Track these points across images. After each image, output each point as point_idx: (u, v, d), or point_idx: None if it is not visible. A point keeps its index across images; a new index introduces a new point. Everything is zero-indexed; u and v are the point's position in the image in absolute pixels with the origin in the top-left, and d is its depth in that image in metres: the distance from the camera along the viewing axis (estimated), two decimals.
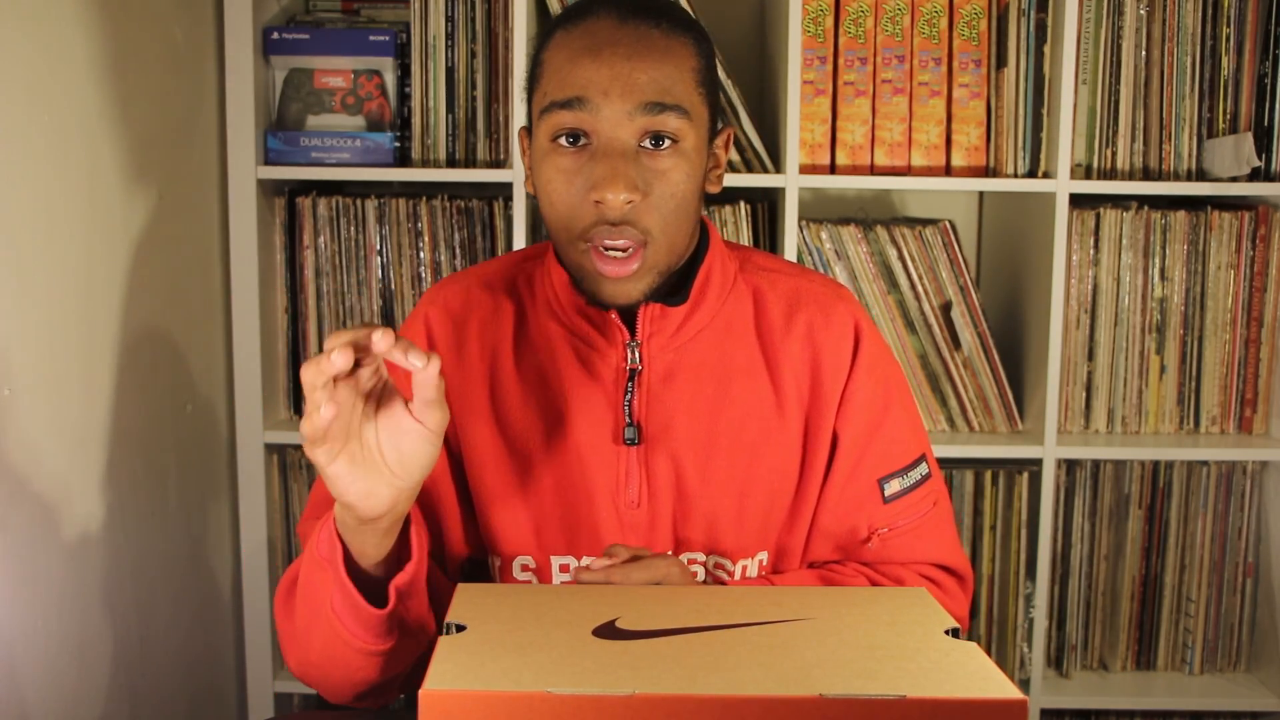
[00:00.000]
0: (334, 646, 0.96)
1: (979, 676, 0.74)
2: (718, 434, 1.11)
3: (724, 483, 1.11)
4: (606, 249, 1.03)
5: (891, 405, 1.16)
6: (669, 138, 1.03)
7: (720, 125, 1.12)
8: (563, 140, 1.03)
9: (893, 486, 1.15)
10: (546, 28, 1.09)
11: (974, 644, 0.80)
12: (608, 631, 0.82)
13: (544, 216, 1.08)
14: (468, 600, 0.89)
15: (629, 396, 1.10)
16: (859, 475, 1.14)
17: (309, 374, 0.83)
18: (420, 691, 0.72)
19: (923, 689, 0.72)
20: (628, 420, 1.10)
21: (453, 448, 1.14)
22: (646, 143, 1.03)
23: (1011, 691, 0.72)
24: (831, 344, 1.14)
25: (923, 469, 1.17)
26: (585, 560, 1.11)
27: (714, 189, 1.12)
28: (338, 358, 0.82)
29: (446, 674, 0.74)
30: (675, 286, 1.12)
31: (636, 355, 1.10)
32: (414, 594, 0.97)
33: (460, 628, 0.83)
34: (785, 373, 1.13)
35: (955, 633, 0.83)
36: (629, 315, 1.11)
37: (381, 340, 0.83)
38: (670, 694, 0.71)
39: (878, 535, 1.15)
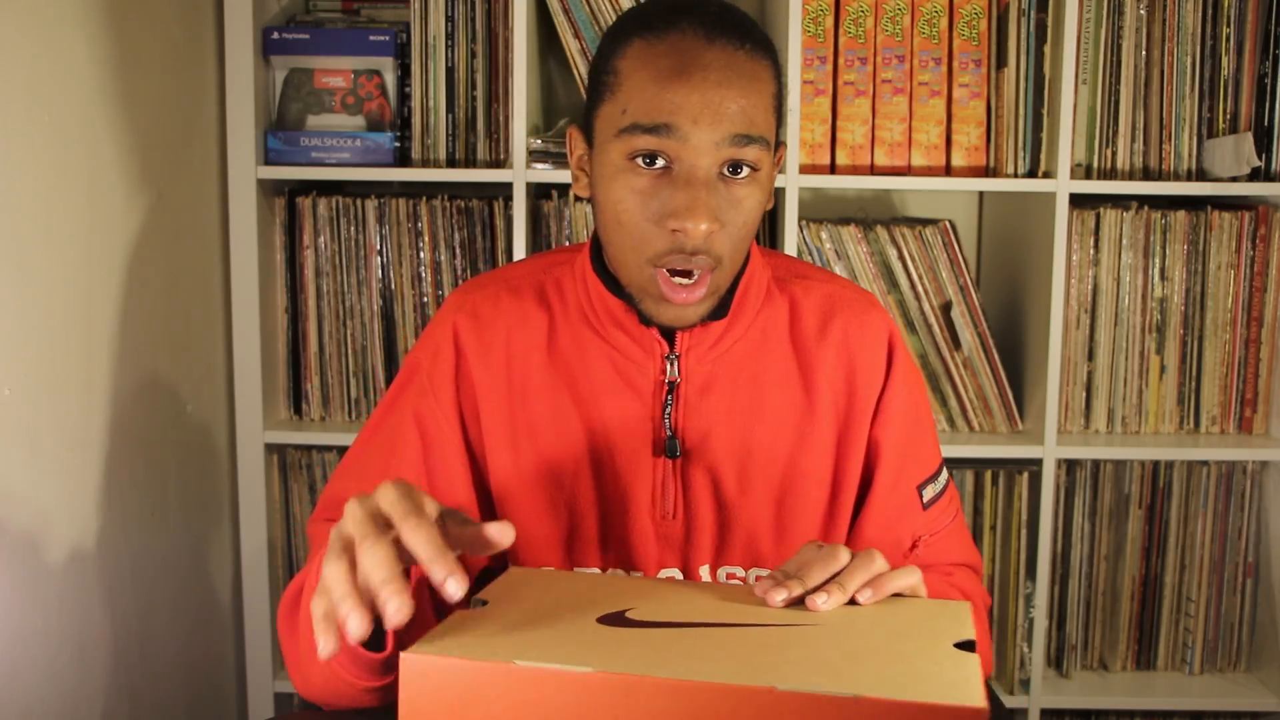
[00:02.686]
0: (334, 684, 0.96)
1: (951, 684, 0.73)
2: (754, 444, 1.11)
3: (762, 492, 1.11)
4: (673, 273, 1.02)
5: (921, 414, 1.17)
6: (749, 166, 1.01)
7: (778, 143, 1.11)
8: (640, 161, 1.01)
9: (928, 493, 1.16)
10: (619, 28, 1.05)
11: (975, 656, 0.79)
12: (613, 619, 0.82)
13: (607, 232, 1.05)
14: (510, 581, 0.89)
15: (668, 409, 1.09)
16: (901, 484, 1.14)
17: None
18: (402, 654, 0.73)
19: (880, 690, 0.70)
20: (668, 432, 1.09)
21: (477, 457, 1.13)
22: (725, 170, 1.01)
23: (974, 699, 0.70)
24: (867, 352, 1.14)
25: (945, 477, 1.19)
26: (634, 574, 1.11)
27: (769, 206, 1.11)
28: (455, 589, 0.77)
29: (435, 642, 0.75)
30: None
31: (675, 368, 1.09)
32: (412, 621, 0.97)
33: (483, 603, 0.83)
34: (820, 379, 1.13)
35: (971, 645, 0.81)
36: (666, 326, 1.10)
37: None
38: (624, 674, 0.71)
39: (922, 542, 1.15)
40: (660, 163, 1.00)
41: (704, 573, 1.12)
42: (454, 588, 0.75)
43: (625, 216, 1.02)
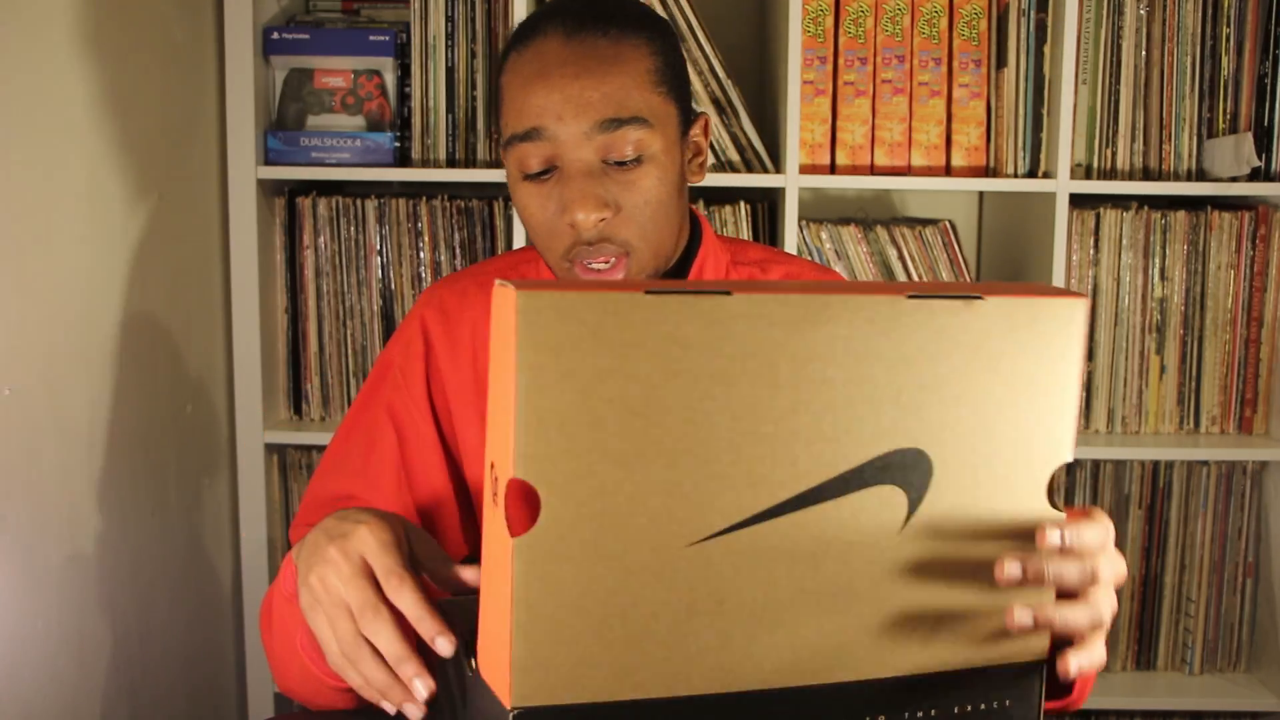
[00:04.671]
0: (311, 683, 0.96)
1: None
2: None
3: None
4: (589, 265, 1.04)
5: None
6: (631, 150, 1.02)
7: (695, 114, 1.11)
8: (527, 169, 1.03)
9: None
10: (504, 48, 1.08)
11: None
12: None
13: (530, 237, 1.09)
14: None
15: None
16: None
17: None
18: (518, 292, 0.64)
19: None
20: None
21: (450, 449, 1.14)
22: (609, 158, 1.02)
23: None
24: None
25: None
26: None
27: (697, 179, 1.11)
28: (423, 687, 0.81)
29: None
30: None
31: None
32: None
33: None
34: None
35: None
36: None
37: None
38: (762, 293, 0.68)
39: None
40: (548, 165, 1.02)
41: None
42: (444, 646, 0.78)
43: (532, 221, 1.05)
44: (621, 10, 1.05)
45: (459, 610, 0.82)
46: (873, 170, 1.85)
